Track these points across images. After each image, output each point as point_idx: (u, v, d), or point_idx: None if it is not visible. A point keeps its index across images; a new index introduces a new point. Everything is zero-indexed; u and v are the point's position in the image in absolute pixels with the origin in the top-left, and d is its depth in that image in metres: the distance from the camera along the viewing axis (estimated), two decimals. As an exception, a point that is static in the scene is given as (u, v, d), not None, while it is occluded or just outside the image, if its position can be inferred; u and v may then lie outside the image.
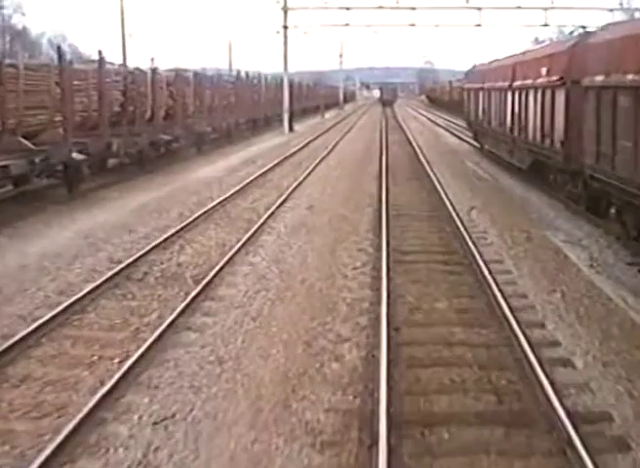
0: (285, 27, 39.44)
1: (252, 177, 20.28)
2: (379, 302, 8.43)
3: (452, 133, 40.16)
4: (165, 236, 12.43)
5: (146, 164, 22.33)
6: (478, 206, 15.86)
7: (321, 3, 38.82)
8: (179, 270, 10.40)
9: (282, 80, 42.40)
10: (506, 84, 19.57)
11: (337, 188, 18.63)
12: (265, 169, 22.49)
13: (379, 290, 8.99)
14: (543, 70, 15.23)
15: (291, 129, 40.59)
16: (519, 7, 38.23)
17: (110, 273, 10.01)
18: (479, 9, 38.11)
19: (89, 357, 7.20)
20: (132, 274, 10.17)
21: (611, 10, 39.63)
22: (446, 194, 16.93)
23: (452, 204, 15.53)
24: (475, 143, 30.03)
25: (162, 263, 10.79)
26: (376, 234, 12.60)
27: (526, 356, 6.86)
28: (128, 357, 7.07)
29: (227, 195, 17.06)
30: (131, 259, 10.78)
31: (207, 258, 11.04)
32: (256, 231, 12.87)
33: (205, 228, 13.44)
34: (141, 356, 7.09)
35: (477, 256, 10.69)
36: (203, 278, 9.74)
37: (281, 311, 8.37)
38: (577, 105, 12.91)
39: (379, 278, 9.55)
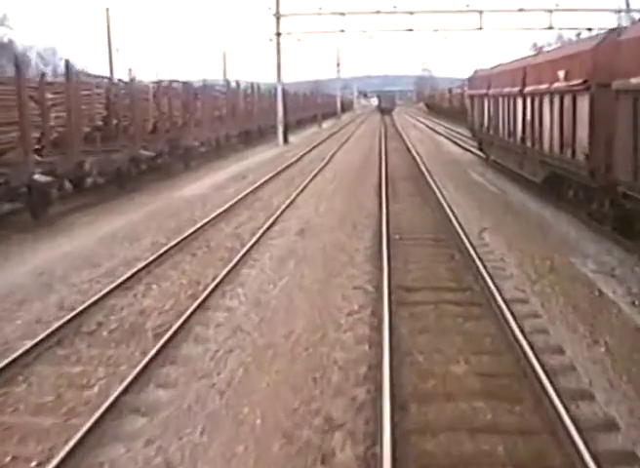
0: (278, 34, 37.82)
1: (240, 196, 18.57)
2: (379, 365, 6.70)
3: (453, 141, 38.50)
4: (131, 272, 10.70)
5: (127, 183, 20.65)
6: (490, 226, 14.14)
7: (315, 9, 37.20)
8: (139, 319, 8.66)
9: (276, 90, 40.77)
10: (516, 89, 17.87)
11: (332, 206, 16.91)
12: (256, 185, 20.79)
13: (379, 345, 7.25)
14: (561, 73, 13.52)
15: (285, 140, 38.92)
16: (522, 9, 36.65)
17: (56, 325, 8.27)
18: (480, 12, 36.50)
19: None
20: (82, 325, 8.44)
21: (618, 11, 38.07)
22: (452, 211, 15.23)
23: (460, 224, 13.82)
24: (480, 153, 28.35)
25: (121, 310, 9.04)
26: (375, 265, 10.88)
27: (579, 453, 5.12)
28: (49, 458, 5.35)
29: (210, 218, 15.35)
30: (85, 305, 9.04)
31: (175, 302, 9.31)
32: (237, 264, 11.15)
33: (179, 261, 11.71)
34: (69, 455, 5.36)
35: (496, 294, 8.96)
36: (167, 330, 8.02)
37: (257, 381, 6.63)
38: (604, 112, 11.21)
39: (379, 328, 7.82)
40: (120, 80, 26.54)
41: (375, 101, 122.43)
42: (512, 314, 8.22)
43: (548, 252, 11.85)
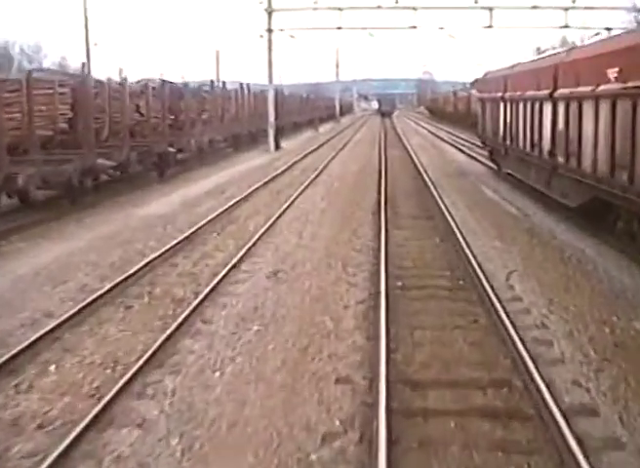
0: (269, 31, 34.75)
1: (211, 216, 15.50)
2: None
3: (459, 149, 35.42)
4: (29, 340, 7.64)
5: (83, 197, 17.57)
6: (517, 266, 11.08)
7: (310, 3, 34.12)
8: (3, 440, 5.59)
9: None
10: (544, 92, 14.81)
11: (319, 234, 13.82)
12: (233, 202, 17.71)
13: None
14: (612, 72, 10.47)
15: (277, 146, 35.83)
16: (535, 7, 33.60)
17: None
18: (490, 9, 33.40)
19: None
20: None
21: (639, 10, 35.06)
22: (467, 243, 12.21)
23: (479, 263, 10.78)
24: (490, 164, 25.28)
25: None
26: (369, 334, 7.83)
27: None
28: None
29: (167, 248, 12.29)
30: None
31: (69, 403, 6.23)
32: (180, 326, 8.09)
33: (105, 320, 8.64)
34: None
35: (549, 401, 5.90)
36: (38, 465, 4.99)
37: None
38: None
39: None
40: (97, 80, 23.61)
41: (375, 104, 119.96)
42: (579, 442, 5.19)
43: (603, 311, 8.78)
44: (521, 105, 17.51)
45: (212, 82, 30.56)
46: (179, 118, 28.38)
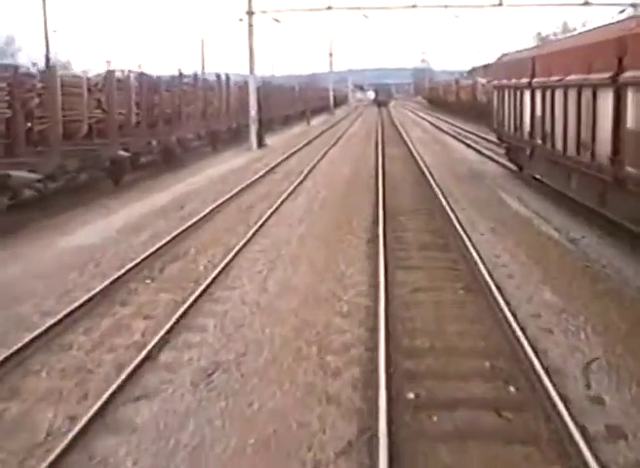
0: (250, 13, 30.61)
1: (152, 249, 11.50)
2: None
3: (467, 144, 31.29)
4: None
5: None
6: (593, 349, 7.06)
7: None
8: None
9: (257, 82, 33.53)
10: (600, 76, 10.77)
11: (291, 283, 9.68)
12: (189, 224, 13.70)
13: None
14: None
15: (260, 143, 31.70)
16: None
17: None
18: (500, -16, 29.36)
19: None
20: None
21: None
22: (505, 299, 8.28)
23: (532, 346, 6.85)
24: (508, 163, 21.26)
25: None
26: None
27: None
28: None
29: (66, 312, 8.30)
30: None
31: None
32: None
33: None
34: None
35: None
36: None
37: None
38: None
39: None
40: (43, 71, 19.67)
41: (371, 95, 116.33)
42: None
43: None
44: (559, 94, 13.44)
45: (180, 73, 26.35)
46: (152, 113, 24.60)
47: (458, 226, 12.78)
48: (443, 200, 15.73)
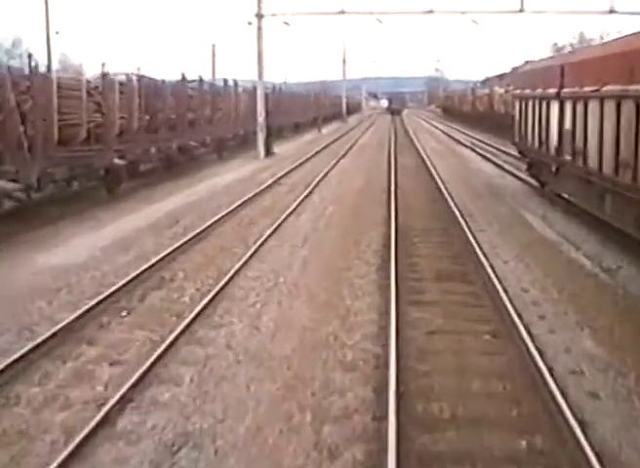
0: (259, 16, 29.40)
1: (135, 273, 10.22)
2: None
3: (484, 156, 29.92)
4: None
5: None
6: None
7: (307, -16, 28.77)
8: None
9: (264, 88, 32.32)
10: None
11: (286, 323, 8.34)
12: (181, 242, 12.44)
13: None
14: None
15: (268, 152, 30.45)
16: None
17: None
18: (522, -11, 27.99)
19: None
20: None
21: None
22: (539, 350, 6.98)
23: (570, 406, 5.68)
24: (529, 178, 19.90)
25: None
26: None
27: None
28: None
29: (22, 353, 7.04)
30: None
31: None
32: None
33: None
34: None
35: None
36: None
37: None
38: None
39: None
40: (42, 74, 18.52)
41: (384, 103, 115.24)
42: None
43: None
44: (593, 106, 12.09)
45: (184, 76, 25.11)
46: (156, 119, 23.35)
47: (478, 251, 11.46)
48: (460, 219, 14.42)
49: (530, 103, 17.62)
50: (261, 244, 12.43)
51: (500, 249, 12.16)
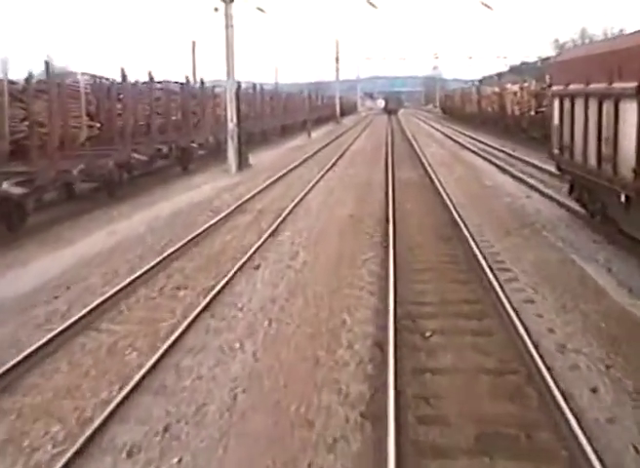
0: (228, 1, 24.46)
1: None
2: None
3: (499, 167, 24.88)
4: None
5: None
6: None
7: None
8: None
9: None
10: None
11: None
12: (50, 335, 7.48)
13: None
14: None
15: (242, 164, 25.43)
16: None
17: None
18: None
19: None
20: None
21: None
22: None
23: None
24: (575, 204, 14.99)
25: None
26: None
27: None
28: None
29: None
30: None
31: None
32: None
33: None
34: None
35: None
36: None
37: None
38: None
39: None
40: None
41: (381, 103, 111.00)
42: None
43: None
44: None
45: (123, 76, 20.06)
46: (112, 126, 18.92)
47: (527, 340, 6.66)
48: (493, 279, 9.50)
49: (581, 103, 12.66)
50: (178, 338, 7.49)
51: (562, 340, 7.27)
